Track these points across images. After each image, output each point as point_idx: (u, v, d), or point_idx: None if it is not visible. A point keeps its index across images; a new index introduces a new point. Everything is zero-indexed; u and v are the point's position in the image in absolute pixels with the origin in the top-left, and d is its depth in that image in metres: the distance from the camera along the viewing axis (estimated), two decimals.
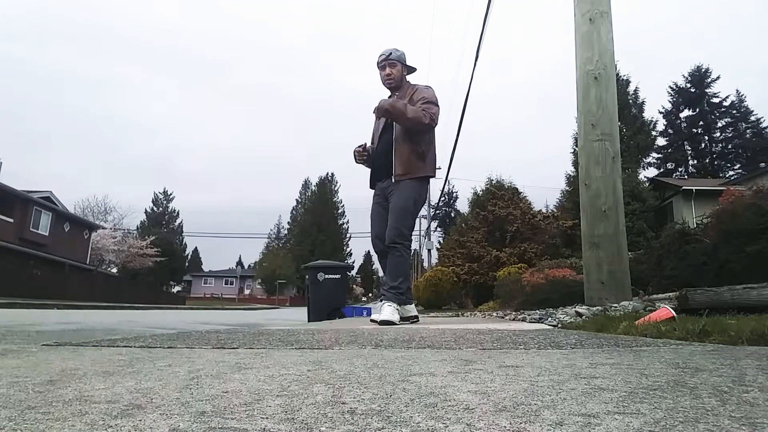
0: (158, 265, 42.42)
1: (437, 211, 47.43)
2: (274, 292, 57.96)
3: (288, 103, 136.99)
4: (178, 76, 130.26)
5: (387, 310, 3.56)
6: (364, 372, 1.10)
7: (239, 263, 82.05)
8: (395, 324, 3.47)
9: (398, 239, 3.76)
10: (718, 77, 35.46)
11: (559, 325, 3.57)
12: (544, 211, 20.65)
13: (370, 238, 4.17)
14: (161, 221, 61.00)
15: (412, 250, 4.63)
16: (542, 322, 4.16)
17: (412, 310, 3.94)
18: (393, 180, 3.85)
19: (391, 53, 4.02)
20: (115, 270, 39.41)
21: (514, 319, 5.26)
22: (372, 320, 3.86)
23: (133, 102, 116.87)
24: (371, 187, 4.16)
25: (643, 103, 31.45)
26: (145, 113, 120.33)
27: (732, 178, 26.82)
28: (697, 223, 6.69)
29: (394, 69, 4.00)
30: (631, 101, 30.20)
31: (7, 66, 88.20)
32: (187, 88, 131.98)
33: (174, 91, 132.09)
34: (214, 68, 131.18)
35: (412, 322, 3.80)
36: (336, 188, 72.72)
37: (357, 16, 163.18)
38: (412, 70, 4.10)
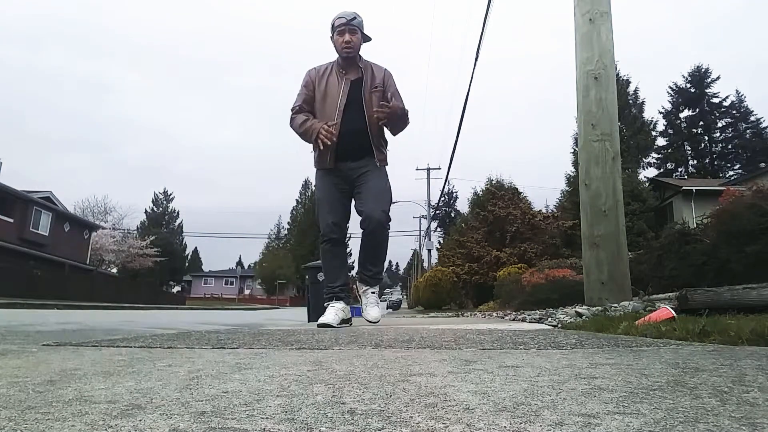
0: (158, 265, 42.40)
1: (437, 211, 47.37)
2: (274, 293, 57.91)
3: (288, 104, 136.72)
4: (178, 77, 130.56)
5: (375, 301, 3.66)
6: (364, 372, 1.10)
7: (239, 263, 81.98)
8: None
9: (387, 222, 3.53)
10: (718, 77, 35.49)
11: (559, 325, 3.58)
12: (544, 211, 20.65)
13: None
14: (161, 221, 60.94)
15: (412, 250, 4.55)
16: (542, 323, 4.16)
17: None
18: (377, 165, 3.56)
19: (355, 17, 3.53)
20: (115, 270, 39.37)
21: (514, 319, 5.26)
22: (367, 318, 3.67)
23: (133, 102, 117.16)
24: (327, 167, 3.60)
25: (643, 103, 31.51)
26: (146, 113, 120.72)
27: (732, 178, 26.82)
28: (697, 224, 6.69)
29: (354, 36, 3.51)
30: (631, 101, 30.23)
31: (8, 67, 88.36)
32: (187, 88, 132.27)
33: (174, 92, 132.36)
34: (214, 69, 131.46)
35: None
36: None
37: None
38: (368, 39, 3.66)
